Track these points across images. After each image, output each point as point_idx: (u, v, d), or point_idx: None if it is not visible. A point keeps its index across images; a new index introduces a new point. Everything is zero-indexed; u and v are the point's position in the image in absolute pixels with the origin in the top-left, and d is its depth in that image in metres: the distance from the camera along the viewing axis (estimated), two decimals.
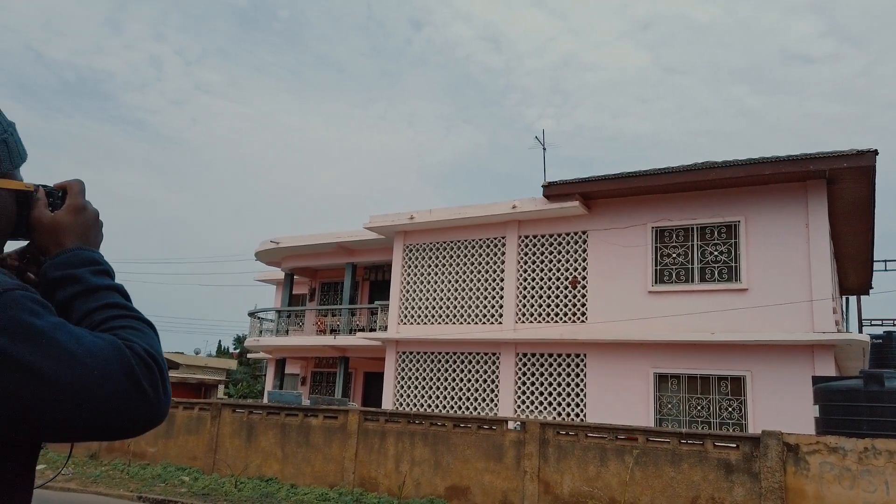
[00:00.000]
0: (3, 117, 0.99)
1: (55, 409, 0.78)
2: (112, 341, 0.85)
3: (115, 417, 0.82)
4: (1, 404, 0.76)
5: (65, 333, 0.81)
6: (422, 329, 16.76)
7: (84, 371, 0.79)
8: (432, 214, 16.77)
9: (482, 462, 11.37)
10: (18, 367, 0.76)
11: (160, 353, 0.91)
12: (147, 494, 11.62)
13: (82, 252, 0.99)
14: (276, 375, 22.31)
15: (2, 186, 0.96)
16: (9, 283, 0.82)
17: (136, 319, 0.95)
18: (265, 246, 21.88)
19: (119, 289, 1.00)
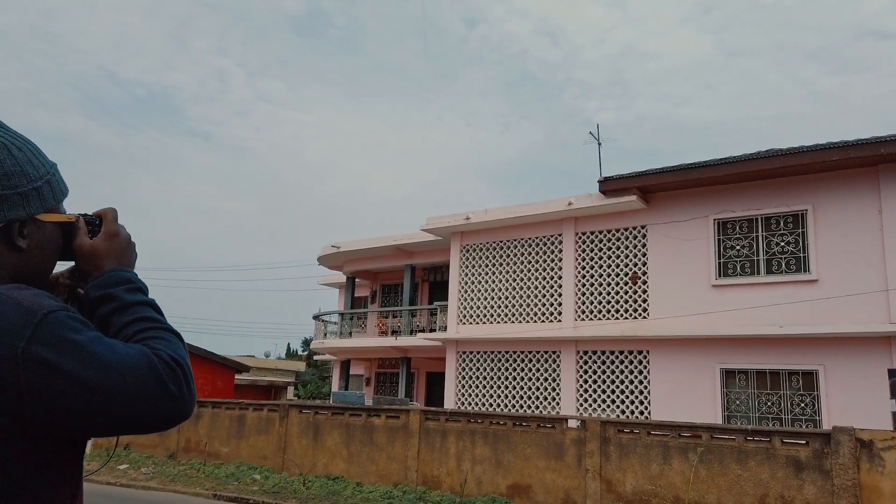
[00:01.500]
0: (45, 159, 1.13)
1: (96, 409, 0.92)
2: (141, 350, 0.98)
3: (146, 414, 0.95)
4: (52, 408, 0.90)
5: (101, 345, 0.95)
6: (481, 329, 16.83)
7: (118, 377, 0.93)
8: (488, 214, 16.81)
9: (543, 460, 11.35)
10: (65, 376, 0.90)
11: (184, 358, 1.04)
12: (222, 493, 12.13)
13: (118, 273, 1.15)
14: (342, 376, 22.83)
15: (50, 220, 1.11)
16: (53, 305, 0.95)
17: (163, 330, 1.09)
18: (327, 251, 22.43)
19: (151, 303, 1.14)
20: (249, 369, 26.67)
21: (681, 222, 14.35)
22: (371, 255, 21.98)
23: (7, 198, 1.04)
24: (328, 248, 22.36)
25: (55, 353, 0.90)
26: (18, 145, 1.08)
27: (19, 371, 0.88)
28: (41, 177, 1.10)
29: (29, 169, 1.08)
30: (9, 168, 1.05)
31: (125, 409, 0.93)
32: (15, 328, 0.90)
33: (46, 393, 0.89)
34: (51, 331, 0.91)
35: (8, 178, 1.04)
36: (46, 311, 0.93)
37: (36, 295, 0.96)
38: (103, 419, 0.93)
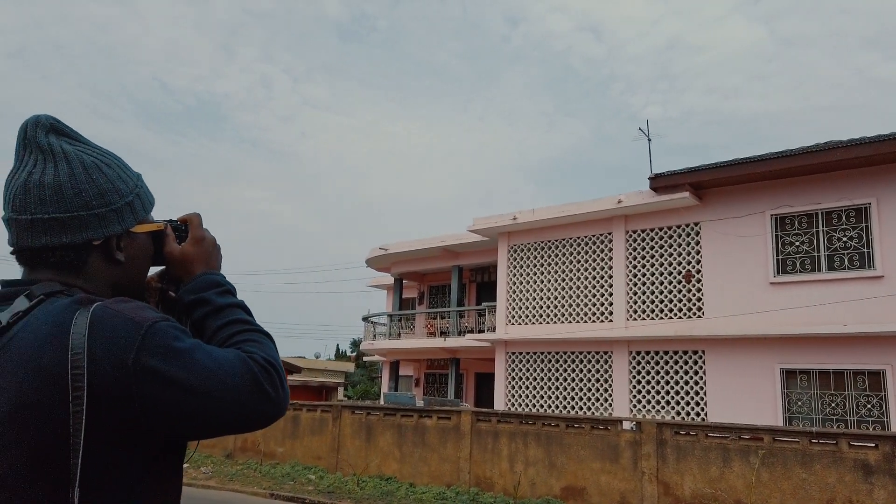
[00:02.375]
0: (131, 172, 1.17)
1: (201, 413, 0.96)
2: (238, 354, 1.02)
3: (246, 415, 1.00)
4: (163, 414, 0.94)
5: (202, 353, 0.99)
6: (530, 329, 16.73)
7: (220, 382, 0.97)
8: (535, 214, 16.70)
9: (597, 462, 11.21)
10: (173, 383, 0.94)
11: (277, 359, 1.09)
12: (278, 492, 12.37)
13: (208, 276, 1.19)
14: (391, 377, 23.01)
15: (143, 230, 1.15)
16: (156, 317, 0.99)
17: (255, 332, 1.13)
18: (374, 253, 22.64)
19: (241, 304, 1.18)
20: (301, 370, 27.14)
21: (736, 218, 13.98)
22: (418, 256, 22.09)
23: (103, 215, 1.07)
24: (376, 251, 22.57)
25: (163, 362, 0.93)
26: (107, 162, 1.11)
27: (131, 381, 0.91)
28: (131, 191, 1.13)
29: (120, 185, 1.11)
30: (102, 186, 1.07)
31: (227, 411, 0.97)
32: (124, 340, 0.93)
33: (157, 400, 0.93)
34: (157, 341, 0.95)
35: (102, 196, 1.07)
36: (151, 323, 0.96)
37: (139, 307, 0.99)
38: (208, 422, 0.97)
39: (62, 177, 1.04)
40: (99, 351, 0.91)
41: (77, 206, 1.04)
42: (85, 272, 1.07)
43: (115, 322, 0.94)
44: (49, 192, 1.03)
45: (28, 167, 1.05)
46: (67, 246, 1.04)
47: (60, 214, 1.03)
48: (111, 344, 0.92)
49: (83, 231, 1.05)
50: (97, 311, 0.94)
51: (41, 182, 1.03)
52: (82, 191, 1.05)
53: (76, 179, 1.05)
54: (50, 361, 0.91)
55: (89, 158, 1.08)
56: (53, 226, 1.03)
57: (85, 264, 1.07)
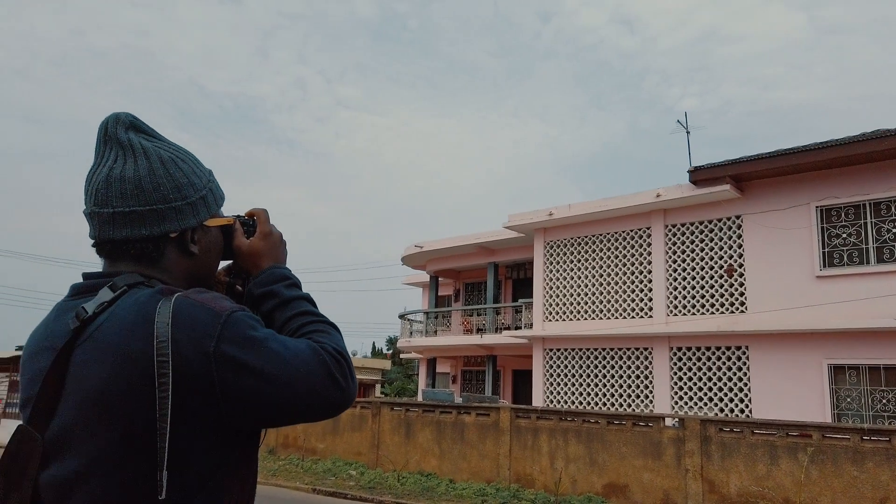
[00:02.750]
0: (204, 167, 1.20)
1: (276, 400, 0.99)
2: (309, 344, 1.05)
3: (318, 403, 1.02)
4: (240, 401, 0.97)
5: (276, 342, 1.02)
6: (568, 325, 16.62)
7: (294, 370, 1.00)
8: (571, 209, 16.57)
9: (640, 460, 11.09)
10: (250, 371, 0.97)
11: (345, 350, 1.11)
12: (320, 487, 12.53)
13: (275, 270, 1.22)
14: (428, 374, 23.10)
15: (214, 224, 1.19)
16: (234, 306, 1.02)
17: (323, 323, 1.16)
18: (410, 250, 22.74)
19: (307, 297, 1.21)
20: None
21: (779, 211, 13.66)
22: (453, 253, 22.12)
23: (180, 209, 1.10)
24: (411, 248, 22.66)
25: (241, 350, 0.97)
26: (183, 158, 1.14)
27: (212, 368, 0.94)
28: (204, 185, 1.16)
29: (195, 179, 1.14)
30: (179, 181, 1.11)
31: (300, 399, 1.00)
32: (205, 329, 0.96)
33: (235, 387, 0.96)
34: (235, 330, 0.98)
35: (179, 190, 1.10)
36: (230, 312, 0.99)
37: (216, 298, 1.02)
38: (282, 409, 1.00)
39: (142, 171, 1.07)
40: (182, 339, 0.94)
41: (156, 200, 1.07)
42: (162, 264, 1.11)
43: (196, 311, 0.97)
44: (129, 187, 1.06)
45: (109, 162, 1.08)
46: (146, 238, 1.08)
47: (140, 207, 1.06)
48: (193, 332, 0.95)
49: (161, 224, 1.08)
50: (179, 301, 0.97)
51: (122, 176, 1.06)
52: (161, 185, 1.08)
53: (155, 174, 1.08)
54: (136, 349, 0.94)
55: (166, 154, 1.11)
56: (133, 218, 1.07)
57: (162, 256, 1.10)
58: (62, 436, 0.97)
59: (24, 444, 0.98)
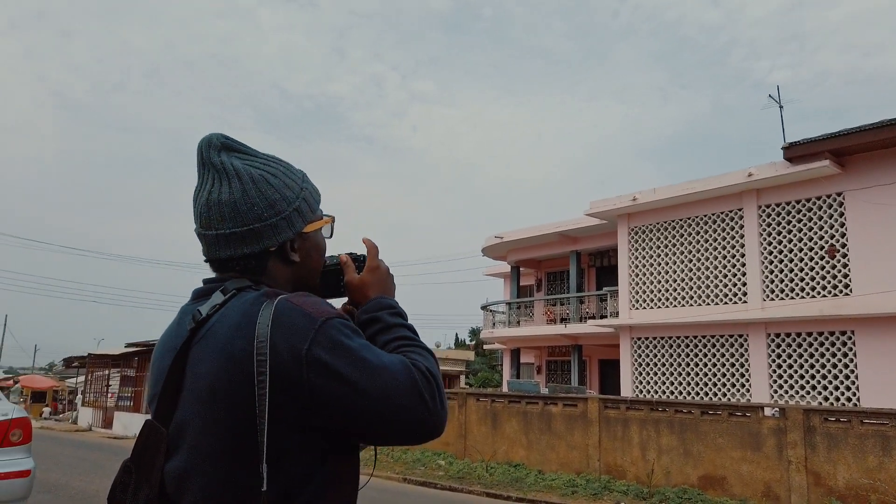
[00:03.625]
0: (295, 174, 1.22)
1: (362, 410, 0.99)
2: (402, 359, 1.06)
3: (406, 420, 1.02)
4: (327, 405, 0.99)
5: (369, 352, 1.03)
6: (656, 313, 16.15)
7: (383, 381, 1.00)
8: (656, 193, 16.06)
9: (737, 451, 10.65)
10: (339, 377, 0.98)
11: (437, 373, 1.11)
12: (411, 477, 12.77)
13: (382, 300, 1.25)
14: (512, 365, 23.05)
15: (312, 230, 1.22)
16: (332, 312, 1.05)
17: (419, 347, 1.17)
18: (490, 241, 22.71)
19: (409, 326, 1.23)
20: None
21: (885, 186, 12.75)
22: (534, 243, 21.92)
23: (275, 224, 1.14)
24: (491, 239, 22.63)
25: (332, 356, 0.98)
26: (273, 172, 1.17)
27: (303, 370, 0.97)
28: (297, 196, 1.19)
29: (287, 192, 1.17)
30: (271, 198, 1.14)
31: (387, 412, 0.99)
32: (302, 332, 0.99)
33: (323, 390, 0.97)
34: (329, 335, 1.00)
35: (272, 207, 1.14)
36: (326, 318, 1.02)
37: (317, 303, 1.05)
38: (369, 421, 0.99)
39: (236, 194, 1.12)
40: (280, 340, 0.98)
41: (251, 220, 1.12)
42: (266, 274, 1.16)
43: (294, 314, 1.01)
44: (227, 210, 1.12)
45: (207, 186, 1.14)
46: (248, 255, 1.14)
47: (238, 229, 1.12)
48: (290, 334, 0.98)
49: (259, 241, 1.13)
50: (280, 304, 1.02)
51: (219, 200, 1.12)
52: (255, 205, 1.13)
53: (248, 195, 1.13)
54: (239, 349, 0.99)
55: (257, 172, 1.15)
56: (234, 239, 1.13)
57: (265, 268, 1.16)
58: (181, 430, 1.04)
59: (151, 437, 1.06)
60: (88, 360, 28.14)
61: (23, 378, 38.68)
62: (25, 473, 5.11)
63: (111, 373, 25.88)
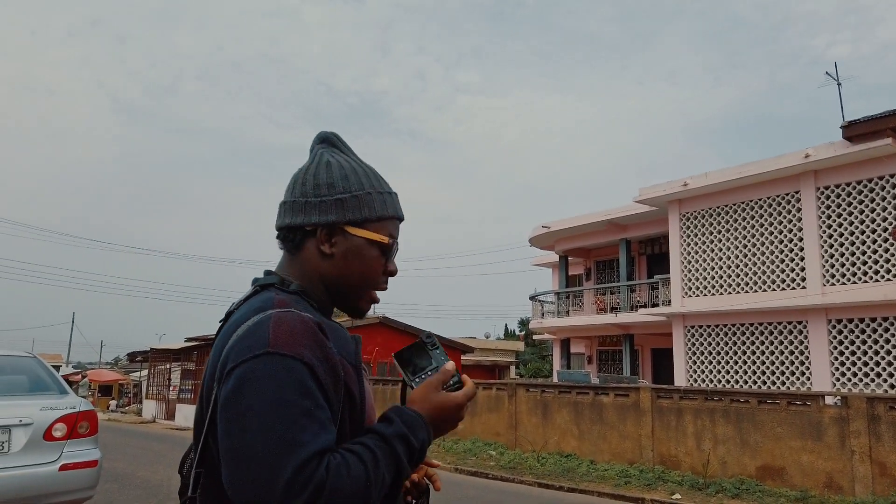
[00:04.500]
0: (373, 181, 1.23)
1: (227, 462, 0.93)
2: (316, 449, 0.90)
3: (245, 491, 0.90)
4: (217, 433, 1.00)
5: (280, 414, 0.92)
6: (710, 301, 15.77)
7: (247, 460, 0.90)
8: (708, 178, 15.65)
9: (797, 441, 10.34)
10: (223, 412, 0.96)
11: (348, 492, 0.91)
12: (462, 467, 12.84)
13: (419, 421, 1.08)
14: (562, 355, 22.89)
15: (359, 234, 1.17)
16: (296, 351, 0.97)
17: (389, 451, 1.00)
18: (537, 231, 22.55)
19: (397, 457, 1.03)
20: (473, 350, 27.86)
21: None
22: (582, 232, 21.66)
23: (316, 204, 1.16)
24: (538, 229, 22.47)
25: (238, 387, 0.94)
26: (342, 162, 1.20)
27: (219, 385, 0.99)
28: (356, 191, 1.17)
29: (345, 183, 1.17)
30: (326, 180, 1.17)
31: (240, 482, 0.91)
32: (240, 353, 0.97)
33: (218, 417, 0.97)
34: (257, 369, 0.94)
35: (330, 187, 1.17)
36: (274, 352, 0.95)
37: (293, 332, 0.98)
38: (227, 480, 0.93)
39: (304, 169, 1.21)
40: (228, 357, 0.99)
41: (306, 193, 1.17)
42: (299, 257, 1.17)
43: (253, 338, 0.97)
44: (293, 182, 1.20)
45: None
46: (290, 227, 1.16)
47: (293, 198, 1.18)
48: (234, 355, 0.97)
49: (302, 214, 1.16)
50: (263, 319, 1.00)
51: (295, 175, 1.21)
52: (308, 181, 1.18)
53: (315, 172, 1.19)
54: (220, 352, 1.03)
55: (334, 159, 1.20)
56: (287, 208, 1.18)
57: (300, 249, 1.17)
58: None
59: (200, 413, 1.13)
60: (150, 355, 29.23)
61: (90, 372, 40.47)
62: (93, 464, 5.35)
63: (172, 366, 26.82)
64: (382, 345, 21.38)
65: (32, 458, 5.00)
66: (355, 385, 1.06)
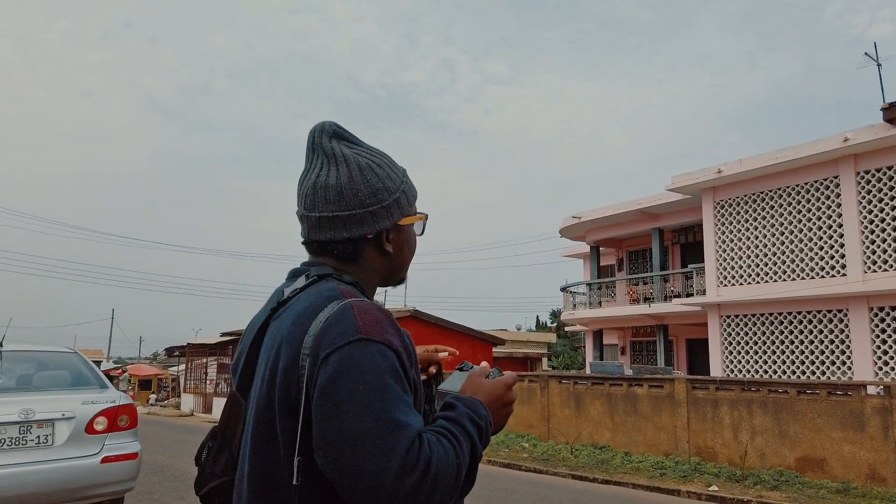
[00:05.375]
0: (397, 168, 1.25)
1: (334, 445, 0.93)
2: (415, 431, 0.95)
3: (360, 489, 0.91)
4: (314, 419, 0.96)
5: (382, 397, 0.95)
6: (746, 290, 15.47)
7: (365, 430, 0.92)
8: (743, 164, 15.32)
9: (838, 431, 10.10)
10: (326, 399, 0.95)
11: (447, 475, 0.95)
12: (495, 459, 12.84)
13: (480, 407, 1.12)
14: (595, 347, 22.70)
15: (408, 223, 1.23)
16: (386, 338, 1.01)
17: (466, 435, 1.03)
18: (568, 222, 22.36)
19: (471, 435, 1.07)
20: (504, 342, 27.78)
21: None
22: (614, 221, 21.42)
23: (375, 212, 1.17)
24: (569, 220, 22.28)
25: (340, 372, 0.95)
26: (378, 163, 1.20)
27: (316, 370, 0.97)
28: (398, 188, 1.21)
29: (389, 183, 1.19)
30: (375, 186, 1.17)
31: (345, 465, 0.91)
32: (334, 339, 0.98)
33: (316, 405, 0.96)
34: (355, 354, 0.96)
35: (375, 195, 1.17)
36: (369, 338, 0.98)
37: (379, 321, 1.02)
38: (326, 455, 0.94)
39: (343, 179, 1.16)
40: (321, 341, 0.99)
41: (354, 205, 1.15)
42: (360, 262, 1.19)
43: (346, 322, 1.00)
44: (332, 193, 1.15)
45: (315, 170, 1.18)
46: (346, 240, 1.16)
47: (341, 213, 1.15)
48: (328, 341, 0.98)
49: (359, 227, 1.16)
50: (344, 307, 1.02)
51: (326, 184, 1.16)
52: (359, 191, 1.16)
53: (354, 181, 1.16)
54: (297, 336, 1.02)
55: (364, 160, 1.19)
56: (336, 222, 1.16)
57: (360, 255, 1.19)
58: (251, 404, 1.08)
59: (234, 407, 1.13)
60: (187, 350, 29.83)
61: (130, 367, 41.50)
62: (133, 456, 5.48)
63: (208, 360, 27.34)
64: (413, 338, 21.39)
65: (75, 451, 5.14)
66: (416, 373, 1.11)
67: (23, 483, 4.80)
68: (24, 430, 4.98)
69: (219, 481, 1.12)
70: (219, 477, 1.12)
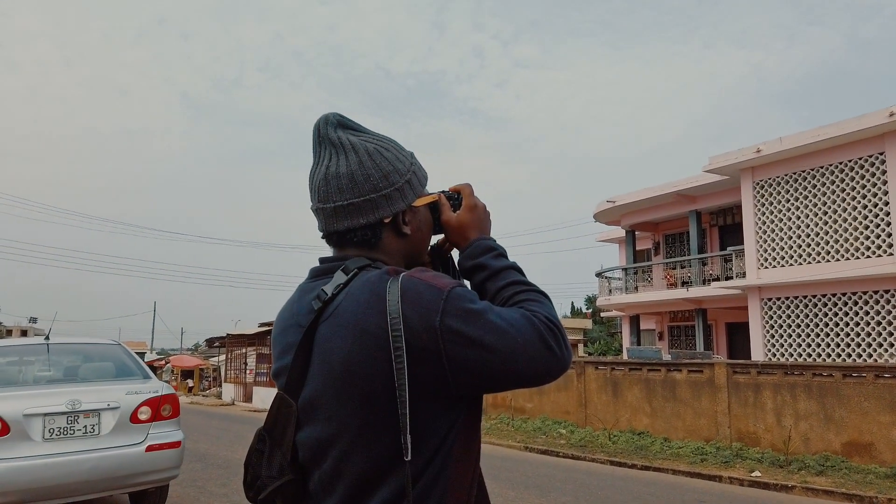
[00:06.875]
0: (405, 151, 1.26)
1: (498, 369, 1.03)
2: (523, 314, 1.07)
3: (536, 371, 1.05)
4: (466, 371, 1.02)
5: (493, 313, 1.05)
6: (787, 272, 15.09)
7: (512, 340, 1.03)
8: (783, 143, 14.90)
9: (886, 415, 9.81)
10: (474, 342, 1.02)
11: (556, 318, 1.11)
12: (532, 445, 12.83)
13: (482, 242, 1.26)
14: (632, 332, 22.45)
15: (422, 203, 1.25)
16: (452, 283, 1.08)
17: (534, 292, 1.17)
18: (602, 206, 22.09)
19: (514, 266, 1.24)
20: None
21: None
22: (649, 205, 21.07)
23: (389, 195, 1.17)
24: (603, 204, 22.01)
25: (463, 323, 1.01)
26: (386, 146, 1.21)
27: (439, 340, 1.00)
28: (408, 169, 1.22)
29: (399, 165, 1.20)
30: (385, 169, 1.18)
31: (520, 367, 1.03)
32: (431, 305, 1.02)
33: (460, 357, 1.00)
34: (456, 304, 1.03)
35: (387, 178, 1.17)
36: (450, 288, 1.04)
37: (437, 276, 1.08)
38: (503, 377, 1.03)
39: (353, 166, 1.16)
40: (411, 314, 1.01)
41: (368, 190, 1.16)
42: (381, 247, 1.20)
43: (421, 289, 1.03)
44: (345, 182, 1.16)
45: (325, 161, 1.19)
46: (365, 226, 1.17)
47: (356, 199, 1.16)
48: (421, 308, 1.01)
49: (375, 211, 1.16)
50: (405, 280, 1.05)
51: (337, 173, 1.17)
52: (370, 176, 1.16)
53: (364, 167, 1.16)
54: (372, 325, 1.02)
55: (371, 146, 1.19)
56: (352, 210, 1.16)
57: (380, 240, 1.19)
58: (312, 403, 1.09)
59: (283, 409, 1.13)
60: (227, 340, 30.42)
61: (172, 358, 42.53)
62: (176, 444, 5.61)
63: (248, 351, 27.84)
64: None
65: (121, 440, 5.28)
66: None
67: (71, 472, 4.94)
68: (72, 420, 5.13)
69: (278, 483, 1.13)
70: (276, 479, 1.13)
